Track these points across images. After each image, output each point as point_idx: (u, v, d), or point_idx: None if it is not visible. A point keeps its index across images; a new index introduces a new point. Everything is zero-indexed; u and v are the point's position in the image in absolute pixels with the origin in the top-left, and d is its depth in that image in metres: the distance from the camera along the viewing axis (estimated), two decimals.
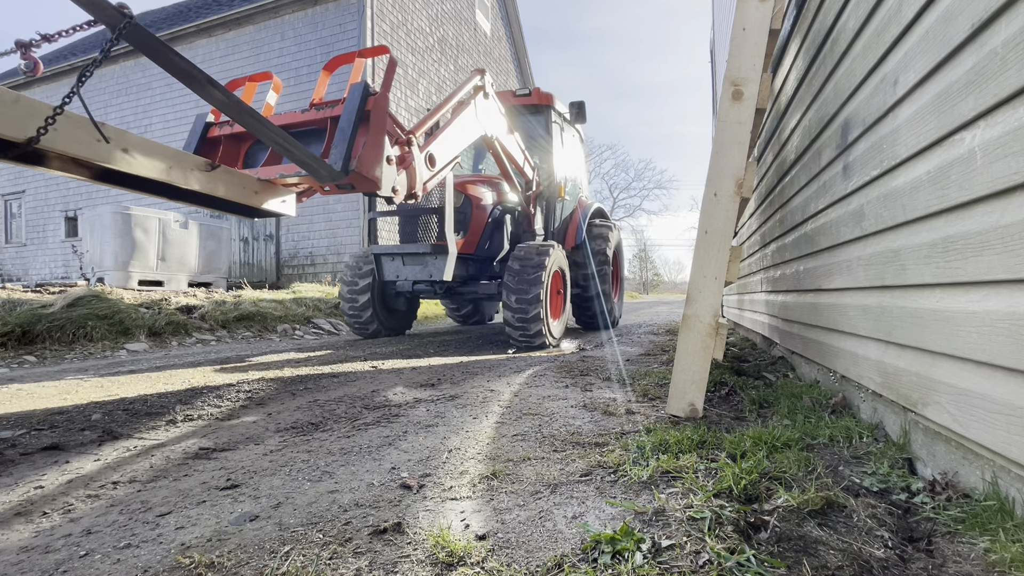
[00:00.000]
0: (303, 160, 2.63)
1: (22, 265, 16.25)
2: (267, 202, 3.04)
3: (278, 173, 3.09)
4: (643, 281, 57.57)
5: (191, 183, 2.58)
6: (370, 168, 2.96)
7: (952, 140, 1.33)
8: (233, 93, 2.31)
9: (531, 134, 6.44)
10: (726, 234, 2.25)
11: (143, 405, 2.70)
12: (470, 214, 5.28)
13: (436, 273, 4.89)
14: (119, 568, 1.13)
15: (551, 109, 6.45)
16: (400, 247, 5.10)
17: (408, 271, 5.13)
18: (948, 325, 1.36)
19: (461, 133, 4.21)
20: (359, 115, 2.97)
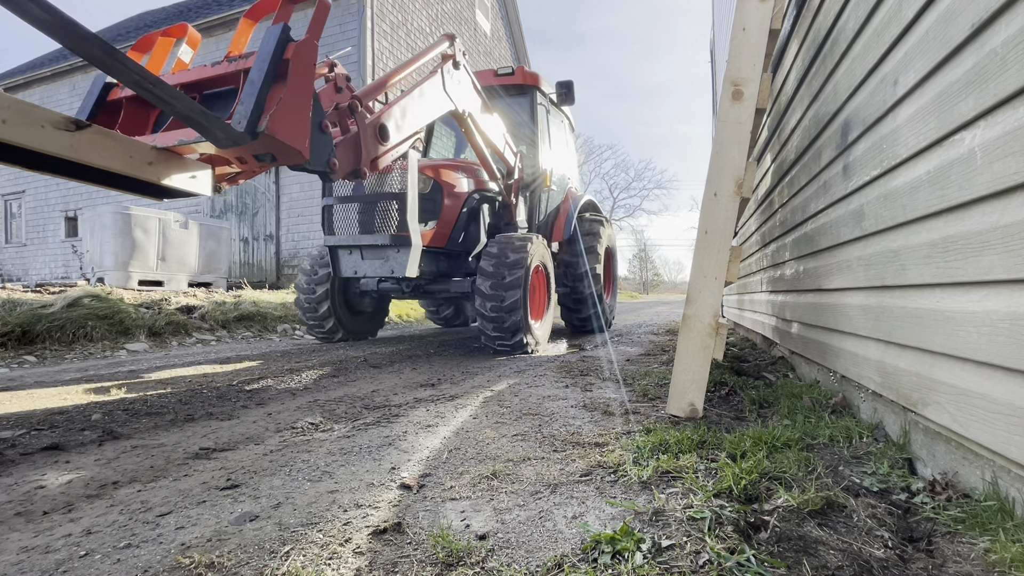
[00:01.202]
0: (189, 116, 2.04)
1: (22, 265, 16.25)
2: (169, 177, 2.39)
3: (177, 139, 2.38)
4: (643, 281, 57.59)
5: (43, 144, 1.94)
6: (289, 131, 2.36)
7: (952, 140, 1.33)
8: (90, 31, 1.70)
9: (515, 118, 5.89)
10: (726, 234, 2.25)
11: (143, 405, 2.70)
12: (440, 202, 4.68)
13: (398, 268, 4.25)
14: (119, 568, 1.13)
15: (536, 90, 5.91)
16: (357, 238, 4.36)
17: (367, 266, 4.46)
18: (948, 325, 1.36)
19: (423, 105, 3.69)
20: (274, 63, 2.36)
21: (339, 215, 4.46)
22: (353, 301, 5.66)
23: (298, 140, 2.41)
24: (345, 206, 4.42)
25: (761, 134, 4.05)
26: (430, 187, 4.65)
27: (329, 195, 4.54)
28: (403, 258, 4.22)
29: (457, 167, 5.03)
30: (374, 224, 4.36)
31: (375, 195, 4.34)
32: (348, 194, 4.42)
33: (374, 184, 4.27)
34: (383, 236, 4.25)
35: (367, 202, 4.38)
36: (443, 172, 4.81)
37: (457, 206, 4.88)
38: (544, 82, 6.04)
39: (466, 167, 5.15)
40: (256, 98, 2.24)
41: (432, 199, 4.66)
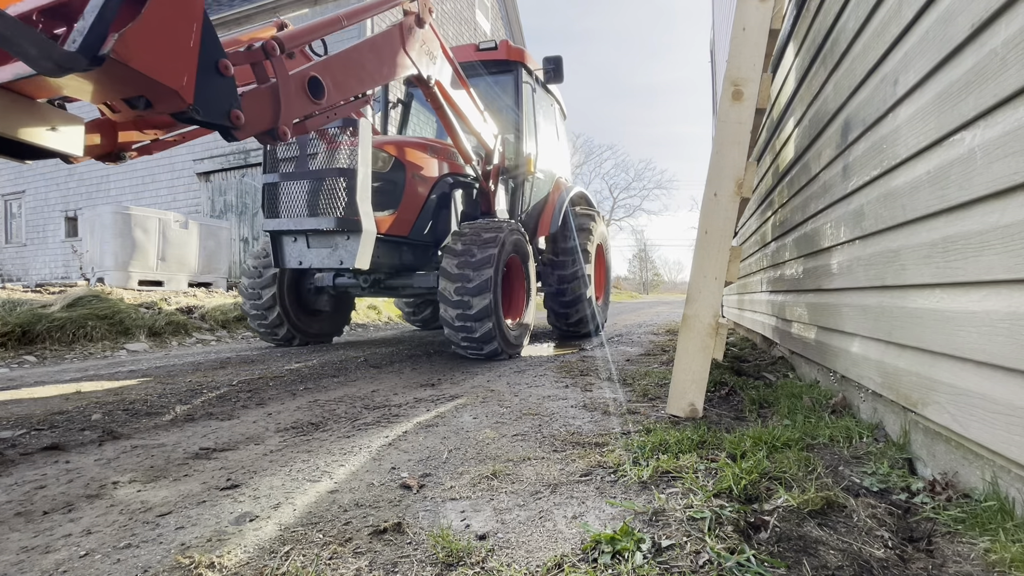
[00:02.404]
0: None
1: (22, 265, 16.25)
2: (19, 130, 1.86)
3: (13, 73, 1.73)
4: (643, 281, 57.60)
5: None
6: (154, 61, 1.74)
7: (952, 140, 1.33)
8: None
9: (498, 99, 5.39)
10: (726, 234, 2.25)
11: (143, 405, 2.70)
12: (403, 184, 4.13)
13: (347, 258, 3.64)
14: (119, 568, 1.13)
15: (521, 67, 5.36)
16: (299, 222, 3.71)
17: (314, 256, 3.80)
18: (948, 325, 1.36)
19: (374, 63, 3.10)
20: None
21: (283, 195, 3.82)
22: (308, 300, 5.09)
23: (171, 75, 1.82)
24: (290, 185, 3.78)
25: (761, 134, 4.05)
26: (390, 166, 4.09)
27: (272, 171, 3.85)
28: (353, 246, 3.62)
29: (425, 146, 4.48)
30: (319, 206, 3.69)
31: (321, 172, 3.67)
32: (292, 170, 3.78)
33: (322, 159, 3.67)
34: (328, 219, 3.60)
35: (313, 180, 3.72)
36: (408, 151, 4.25)
37: (424, 190, 4.33)
38: (530, 58, 5.50)
39: (436, 147, 4.62)
40: (101, 11, 1.60)
41: (393, 180, 4.10)
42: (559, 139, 6.61)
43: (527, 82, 5.43)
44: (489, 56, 5.33)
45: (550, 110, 6.26)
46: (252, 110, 2.30)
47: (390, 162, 4.12)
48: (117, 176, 14.11)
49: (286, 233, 3.92)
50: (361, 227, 3.58)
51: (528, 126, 5.43)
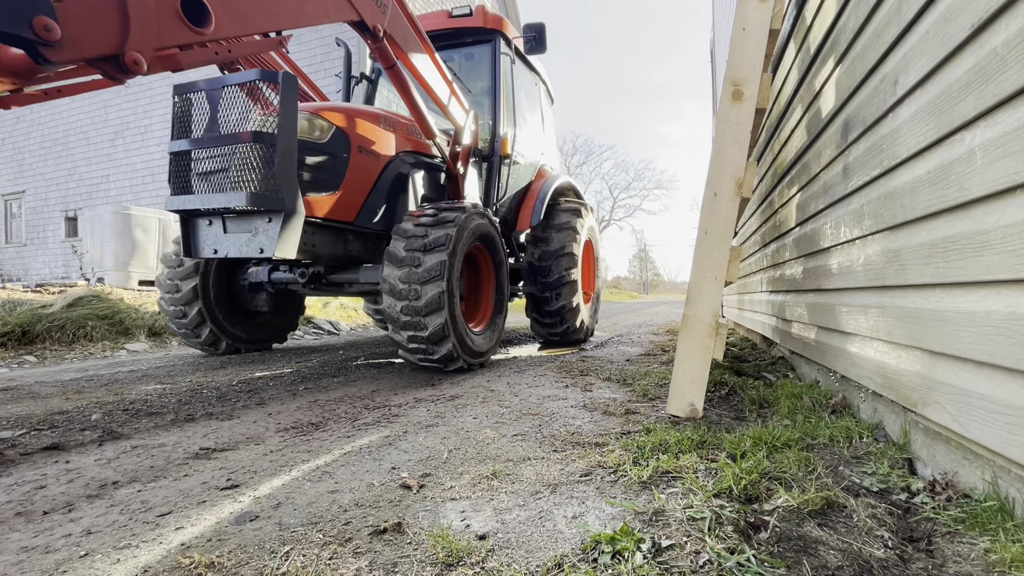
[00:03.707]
0: None
1: (22, 265, 16.25)
2: None
3: None
4: (643, 281, 57.61)
5: None
6: None
7: (952, 140, 1.33)
8: None
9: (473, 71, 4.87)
10: (726, 234, 2.25)
11: (143, 405, 2.70)
12: (346, 160, 3.48)
13: (267, 245, 3.02)
14: (119, 568, 1.13)
15: (500, 36, 4.76)
16: (207, 199, 3.05)
17: (230, 243, 3.17)
18: (948, 325, 1.36)
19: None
20: None
21: (192, 166, 3.16)
22: (243, 299, 4.43)
23: None
24: (200, 154, 3.12)
25: (761, 134, 4.05)
26: (330, 136, 3.43)
27: (182, 136, 3.16)
28: (275, 231, 3.01)
29: (376, 117, 3.81)
30: (230, 180, 3.02)
31: (232, 136, 3.00)
32: (202, 135, 3.11)
33: (234, 121, 3.04)
34: (239, 195, 2.92)
35: (223, 147, 3.05)
36: (354, 120, 3.59)
37: (374, 168, 3.68)
38: (510, 27, 4.89)
39: (393, 120, 3.96)
40: None
41: (334, 155, 3.45)
42: (545, 124, 5.96)
43: (506, 53, 4.82)
44: (463, 23, 4.72)
45: (534, 90, 5.63)
46: (80, 24, 1.73)
47: (330, 131, 3.44)
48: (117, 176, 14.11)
49: (200, 215, 3.25)
50: (283, 206, 2.94)
51: (506, 102, 4.79)
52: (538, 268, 4.90)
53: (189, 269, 4.09)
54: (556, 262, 4.87)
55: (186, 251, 3.34)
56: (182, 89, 3.10)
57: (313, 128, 3.38)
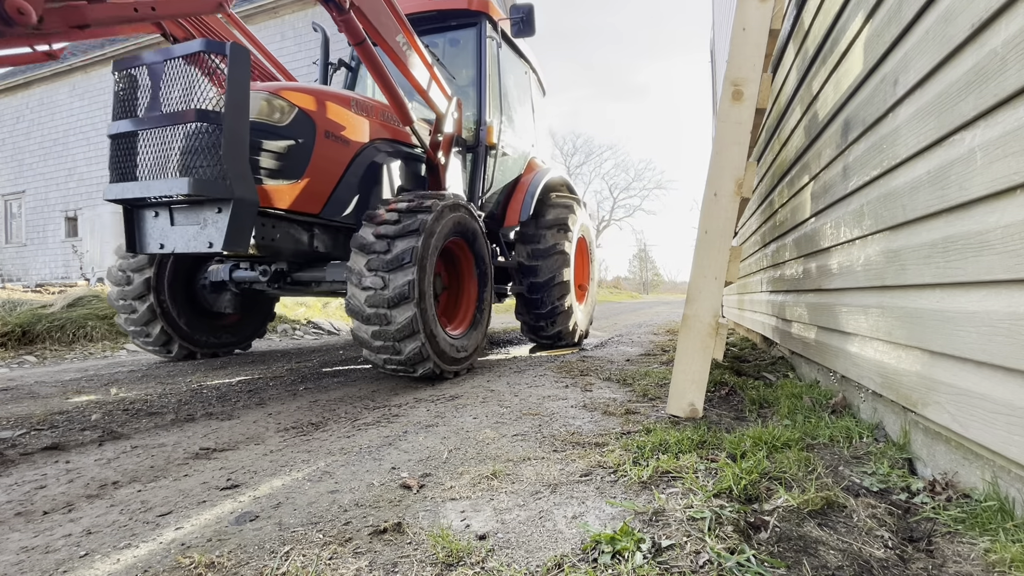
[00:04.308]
0: None
1: (22, 265, 16.26)
2: None
3: None
4: (643, 281, 57.62)
5: None
6: None
7: (952, 140, 1.33)
8: None
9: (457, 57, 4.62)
10: (726, 234, 2.25)
11: (144, 405, 2.70)
12: (311, 146, 3.17)
13: (216, 239, 2.72)
14: (119, 568, 1.13)
15: (485, 19, 4.48)
16: (145, 186, 2.75)
17: (178, 236, 2.87)
18: (948, 325, 1.36)
19: None
20: None
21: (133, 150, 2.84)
22: (204, 299, 4.09)
23: None
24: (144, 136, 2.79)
25: (761, 134, 4.05)
26: (292, 119, 3.11)
27: (122, 116, 2.85)
28: (224, 222, 2.70)
29: (347, 100, 3.51)
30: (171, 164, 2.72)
31: (175, 115, 2.69)
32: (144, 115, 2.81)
33: (177, 98, 2.73)
34: (182, 182, 2.61)
35: (164, 127, 2.73)
36: (320, 102, 3.29)
37: (343, 156, 3.37)
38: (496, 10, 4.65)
39: (367, 104, 3.66)
40: None
41: (296, 139, 3.13)
42: (535, 115, 5.67)
43: (492, 37, 4.54)
44: (447, 5, 4.49)
45: (524, 79, 5.35)
46: None
47: (291, 114, 3.11)
48: None
49: (145, 205, 2.94)
50: (231, 194, 2.62)
51: (492, 88, 4.52)
52: (528, 268, 4.69)
53: (143, 260, 3.76)
54: (547, 261, 4.68)
55: (130, 246, 3.02)
56: (123, 64, 2.83)
57: (273, 109, 3.06)
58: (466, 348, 3.43)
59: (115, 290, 3.82)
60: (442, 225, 3.17)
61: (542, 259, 4.68)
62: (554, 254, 4.69)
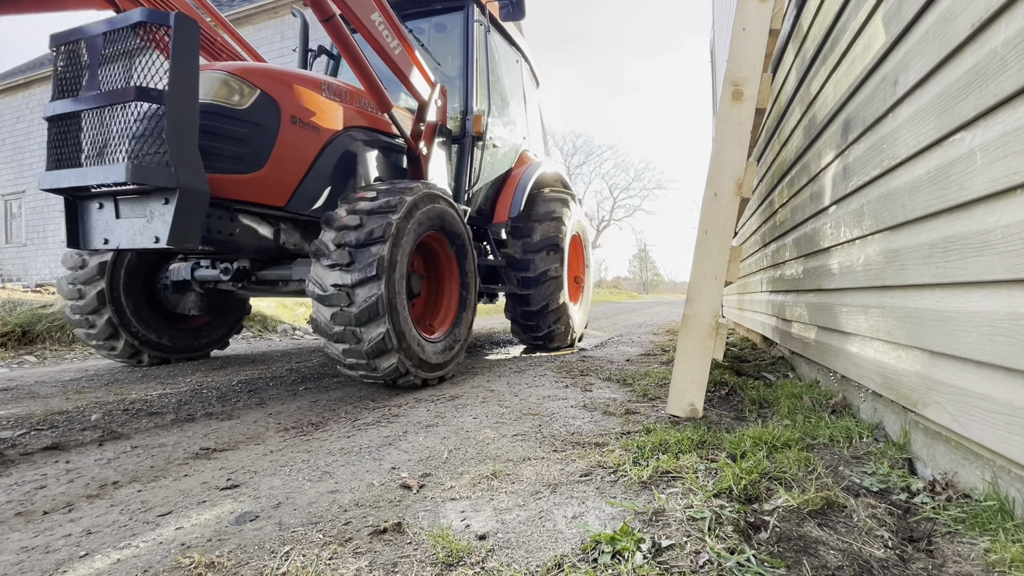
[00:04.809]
0: None
1: (22, 265, 16.26)
2: None
3: None
4: (643, 281, 57.63)
5: None
6: None
7: (952, 140, 1.33)
8: None
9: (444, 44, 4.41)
10: (726, 234, 2.25)
11: (144, 405, 2.70)
12: (275, 132, 2.90)
13: (163, 233, 2.50)
14: (119, 568, 1.13)
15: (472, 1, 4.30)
16: (81, 174, 2.52)
17: (123, 230, 2.64)
18: (948, 325, 1.36)
19: None
20: None
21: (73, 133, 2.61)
22: (165, 300, 3.78)
23: None
24: (85, 118, 2.58)
25: (761, 134, 4.05)
26: (252, 102, 2.83)
27: (60, 96, 2.62)
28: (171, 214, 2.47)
29: (317, 83, 3.21)
30: (108, 148, 2.49)
31: (114, 94, 2.45)
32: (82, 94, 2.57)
33: (116, 75, 2.49)
34: (118, 168, 2.36)
35: (101, 107, 2.50)
36: (285, 84, 3.00)
37: (310, 144, 3.09)
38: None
39: (339, 88, 3.35)
40: None
41: (257, 125, 2.84)
42: (528, 106, 5.41)
43: (479, 21, 4.32)
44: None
45: (515, 67, 5.14)
46: None
47: (252, 96, 2.83)
48: None
49: (89, 196, 2.70)
50: (175, 182, 2.39)
51: (479, 75, 4.29)
52: (519, 262, 4.47)
53: (92, 271, 3.45)
54: (539, 256, 4.47)
55: (71, 241, 2.77)
56: (61, 38, 2.60)
57: (231, 91, 2.78)
58: (448, 351, 3.26)
59: (68, 305, 3.55)
60: (414, 222, 2.93)
61: (534, 253, 4.48)
62: (546, 248, 4.51)
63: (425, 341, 3.04)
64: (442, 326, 3.39)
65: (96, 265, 3.47)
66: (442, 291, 3.50)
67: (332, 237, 2.73)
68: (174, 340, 3.93)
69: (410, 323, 2.87)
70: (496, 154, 4.59)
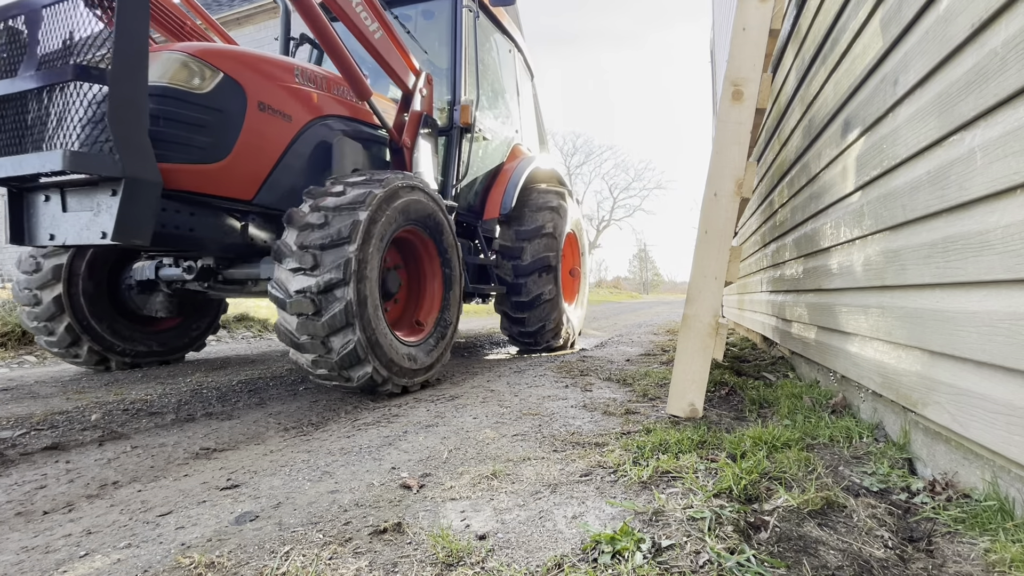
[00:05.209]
0: None
1: None
2: None
3: None
4: (643, 281, 57.65)
5: None
6: None
7: (952, 140, 1.33)
8: None
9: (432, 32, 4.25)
10: (726, 234, 2.25)
11: (144, 405, 2.70)
12: (239, 118, 2.70)
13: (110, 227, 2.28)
14: (119, 568, 1.13)
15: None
16: (17, 162, 2.27)
17: (70, 225, 2.45)
18: (948, 325, 1.36)
19: None
20: None
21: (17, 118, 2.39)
22: (130, 302, 3.54)
23: None
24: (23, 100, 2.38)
25: (761, 134, 4.05)
26: (214, 86, 2.61)
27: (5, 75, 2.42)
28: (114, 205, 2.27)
29: (289, 68, 3.01)
30: (47, 132, 2.31)
31: (52, 73, 2.26)
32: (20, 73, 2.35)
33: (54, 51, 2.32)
34: (54, 156, 2.12)
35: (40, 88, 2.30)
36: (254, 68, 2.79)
37: (281, 133, 2.88)
38: None
39: (314, 74, 3.16)
40: None
41: (220, 110, 2.64)
42: (521, 98, 5.20)
43: (468, 7, 4.14)
44: None
45: (508, 57, 4.94)
46: None
47: (214, 79, 2.62)
48: None
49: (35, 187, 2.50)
50: (119, 171, 2.18)
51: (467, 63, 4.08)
52: (510, 250, 4.28)
53: (47, 274, 3.22)
54: (532, 243, 4.30)
55: (15, 236, 2.55)
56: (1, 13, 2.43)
57: (191, 73, 2.56)
58: (430, 355, 3.03)
59: (25, 311, 3.30)
60: (387, 218, 2.69)
61: (526, 240, 4.29)
62: (540, 236, 4.33)
63: (404, 346, 2.83)
64: (423, 328, 3.17)
65: (51, 268, 3.24)
66: (423, 291, 3.27)
67: (294, 237, 2.51)
68: (141, 344, 3.68)
69: (385, 328, 2.67)
70: (486, 147, 4.42)
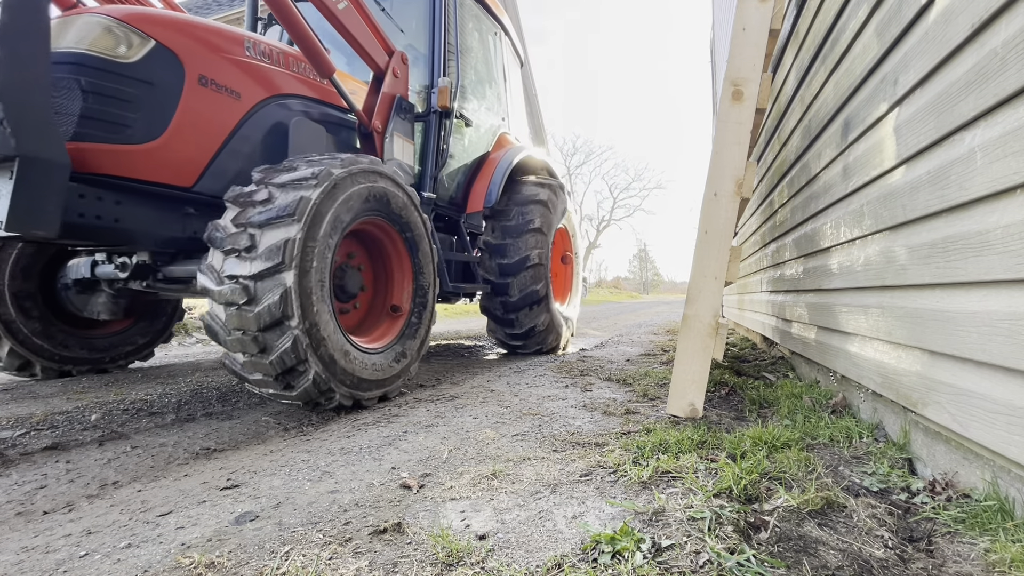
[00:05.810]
0: None
1: None
2: None
3: None
4: (643, 281, 57.64)
5: None
6: None
7: (952, 140, 1.34)
8: None
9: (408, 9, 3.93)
10: (726, 234, 2.25)
11: (144, 405, 2.70)
12: (175, 93, 2.40)
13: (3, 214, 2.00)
14: (119, 568, 1.14)
15: None
16: None
17: None
18: (948, 325, 1.36)
19: None
20: None
21: None
22: (68, 303, 3.23)
23: None
24: None
25: (761, 134, 4.05)
26: (143, 55, 2.32)
27: None
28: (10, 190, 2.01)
29: (238, 39, 2.69)
30: None
31: None
32: None
33: None
34: None
35: None
36: (194, 37, 2.50)
37: (227, 112, 2.58)
38: None
39: (270, 48, 2.83)
40: None
41: (151, 83, 2.33)
42: (508, 85, 4.91)
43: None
44: None
45: (492, 40, 4.65)
46: None
47: (144, 48, 2.32)
48: None
49: None
50: (12, 148, 1.92)
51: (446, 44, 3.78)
52: (496, 247, 4.04)
53: None
54: (519, 240, 4.04)
55: None
56: None
57: (116, 40, 2.26)
58: (394, 366, 2.68)
59: None
60: (343, 203, 2.37)
61: (513, 236, 4.04)
62: (527, 231, 4.07)
63: (359, 351, 2.48)
64: (388, 334, 2.82)
65: None
66: (391, 291, 2.94)
67: (232, 216, 2.20)
68: (79, 349, 3.32)
69: (334, 327, 2.32)
70: (469, 135, 4.15)
